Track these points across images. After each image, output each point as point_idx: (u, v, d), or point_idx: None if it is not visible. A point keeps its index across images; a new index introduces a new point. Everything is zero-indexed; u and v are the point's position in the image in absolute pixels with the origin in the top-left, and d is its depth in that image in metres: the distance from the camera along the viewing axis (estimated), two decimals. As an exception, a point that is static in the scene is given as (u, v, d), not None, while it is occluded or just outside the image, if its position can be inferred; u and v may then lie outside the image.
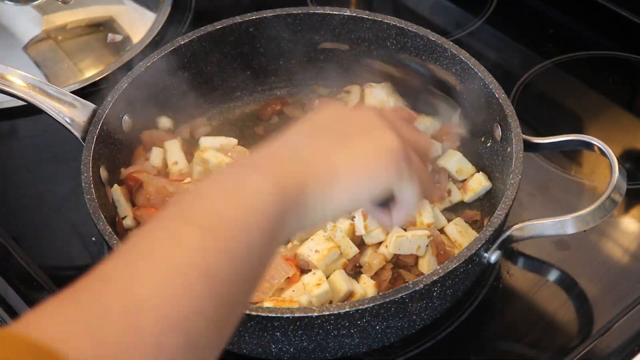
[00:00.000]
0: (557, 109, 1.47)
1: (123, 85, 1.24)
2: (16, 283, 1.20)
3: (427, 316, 1.09)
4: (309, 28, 1.37)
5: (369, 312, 0.98)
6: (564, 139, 1.15)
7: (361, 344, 1.06)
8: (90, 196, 1.10)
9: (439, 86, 1.26)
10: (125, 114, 1.25)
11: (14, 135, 1.50)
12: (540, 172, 1.33)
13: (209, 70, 1.37)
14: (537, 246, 1.23)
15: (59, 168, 1.39)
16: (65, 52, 1.56)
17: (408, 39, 1.32)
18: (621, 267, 1.22)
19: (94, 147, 1.16)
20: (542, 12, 1.64)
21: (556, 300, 1.18)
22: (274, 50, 1.39)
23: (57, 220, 1.31)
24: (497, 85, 1.21)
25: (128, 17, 1.64)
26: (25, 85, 1.18)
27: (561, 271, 1.21)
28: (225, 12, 1.39)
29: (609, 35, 1.58)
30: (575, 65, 1.53)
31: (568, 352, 1.11)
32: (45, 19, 1.60)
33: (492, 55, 1.56)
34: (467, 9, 1.66)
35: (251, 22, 1.34)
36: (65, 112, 1.19)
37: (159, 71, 1.29)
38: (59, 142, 1.37)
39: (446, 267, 1.00)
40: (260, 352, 1.06)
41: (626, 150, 1.39)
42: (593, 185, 1.32)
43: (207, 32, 1.33)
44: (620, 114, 1.47)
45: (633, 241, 1.26)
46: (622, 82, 1.52)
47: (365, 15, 1.33)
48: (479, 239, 1.03)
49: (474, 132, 1.29)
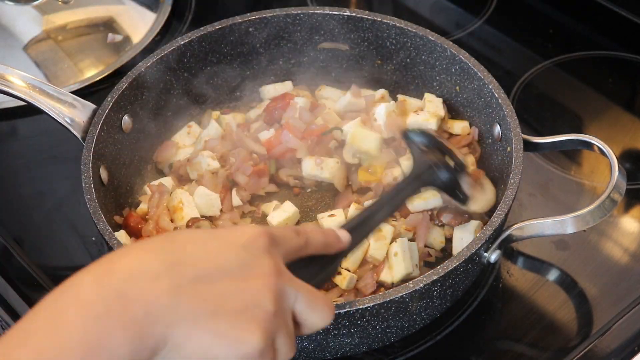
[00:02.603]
0: (557, 108, 1.47)
1: (123, 85, 1.24)
2: (16, 283, 1.20)
3: (427, 316, 1.09)
4: (309, 28, 1.37)
5: (369, 312, 0.98)
6: (563, 138, 1.16)
7: (361, 343, 1.06)
8: (90, 196, 1.10)
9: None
10: (125, 114, 1.25)
11: (14, 135, 1.50)
12: (540, 172, 1.33)
13: (209, 70, 1.37)
14: (537, 246, 1.23)
15: (59, 168, 1.39)
16: (65, 52, 1.56)
17: (408, 39, 1.32)
18: (621, 267, 1.22)
19: (94, 147, 1.16)
20: (542, 12, 1.64)
21: (556, 300, 1.18)
22: (274, 50, 1.39)
23: (57, 220, 1.31)
24: (497, 85, 1.21)
25: (128, 17, 1.64)
26: (25, 85, 1.18)
27: (561, 271, 1.21)
28: (225, 12, 1.39)
29: (609, 35, 1.58)
30: (575, 65, 1.53)
31: (568, 352, 1.11)
32: (45, 19, 1.60)
33: (492, 55, 1.56)
34: (467, 9, 1.66)
35: (251, 22, 1.34)
36: (65, 112, 1.19)
37: (159, 71, 1.30)
38: (59, 142, 1.37)
39: (446, 267, 1.00)
40: (260, 352, 1.06)
41: (626, 150, 1.39)
42: (593, 185, 1.32)
43: (207, 32, 1.33)
44: (620, 114, 1.48)
45: (633, 241, 1.26)
46: (622, 82, 1.52)
47: (365, 15, 1.33)
48: (479, 238, 1.03)
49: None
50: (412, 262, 1.14)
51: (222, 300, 0.70)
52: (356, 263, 1.16)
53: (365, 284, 1.13)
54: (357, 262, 1.16)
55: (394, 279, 1.13)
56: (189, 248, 0.73)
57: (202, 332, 0.69)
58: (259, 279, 0.73)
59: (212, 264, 0.72)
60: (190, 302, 0.69)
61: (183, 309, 0.68)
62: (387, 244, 1.16)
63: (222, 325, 0.69)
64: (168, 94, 1.34)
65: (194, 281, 0.70)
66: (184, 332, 0.68)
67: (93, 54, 1.58)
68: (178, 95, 1.35)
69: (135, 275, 0.68)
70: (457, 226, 1.18)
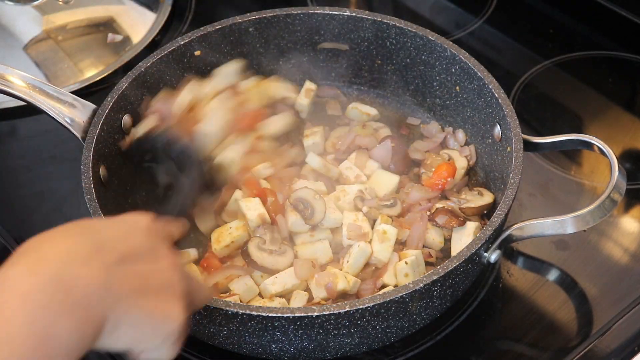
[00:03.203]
0: (557, 108, 1.47)
1: (123, 85, 1.24)
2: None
3: (427, 316, 1.09)
4: (309, 28, 1.37)
5: (369, 312, 0.98)
6: (563, 138, 1.16)
7: (361, 343, 1.06)
8: (90, 196, 1.10)
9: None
10: (125, 114, 1.25)
11: (14, 135, 1.50)
12: (540, 172, 1.33)
13: (209, 70, 1.37)
14: (537, 246, 1.23)
15: (59, 168, 1.39)
16: (65, 52, 1.56)
17: (408, 39, 1.32)
18: (621, 267, 1.22)
19: (94, 147, 1.16)
20: (542, 12, 1.64)
21: (556, 300, 1.18)
22: (274, 50, 1.39)
23: (57, 220, 1.30)
24: (497, 85, 1.21)
25: (128, 17, 1.64)
26: (25, 85, 1.18)
27: (561, 271, 1.21)
28: (225, 12, 1.39)
29: (609, 35, 1.58)
30: (575, 65, 1.53)
31: (568, 352, 1.11)
32: (45, 19, 1.60)
33: (492, 55, 1.56)
34: (467, 9, 1.66)
35: (251, 22, 1.34)
36: (65, 112, 1.19)
37: (159, 71, 1.30)
38: (59, 142, 1.38)
39: (446, 267, 1.00)
40: (260, 352, 1.06)
41: (626, 150, 1.39)
42: (593, 185, 1.32)
43: (207, 32, 1.33)
44: (620, 114, 1.48)
45: (633, 241, 1.26)
46: (622, 82, 1.52)
47: (365, 15, 1.33)
48: (479, 238, 1.03)
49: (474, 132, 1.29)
50: (419, 276, 1.14)
51: (144, 280, 0.75)
52: (359, 268, 1.16)
53: (366, 288, 1.14)
54: (359, 267, 1.16)
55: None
56: (105, 233, 0.76)
57: (135, 310, 0.73)
58: (165, 259, 0.78)
59: (129, 247, 0.76)
60: (121, 282, 0.72)
61: (116, 289, 0.71)
62: (391, 246, 1.16)
63: (150, 302, 0.74)
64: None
65: (119, 262, 0.73)
66: (121, 311, 0.71)
67: (93, 54, 1.58)
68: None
69: (67, 260, 0.70)
70: (454, 228, 1.18)
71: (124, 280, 0.73)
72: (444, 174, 1.26)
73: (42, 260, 0.69)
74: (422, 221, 1.19)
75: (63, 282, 0.68)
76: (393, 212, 1.22)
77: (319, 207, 1.19)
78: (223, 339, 1.06)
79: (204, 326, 1.04)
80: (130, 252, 0.75)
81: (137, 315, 0.73)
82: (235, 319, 0.98)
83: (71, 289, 0.68)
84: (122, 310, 0.71)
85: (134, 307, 0.73)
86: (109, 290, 0.71)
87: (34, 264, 0.69)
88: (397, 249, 1.18)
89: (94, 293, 0.69)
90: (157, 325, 0.75)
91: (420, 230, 1.19)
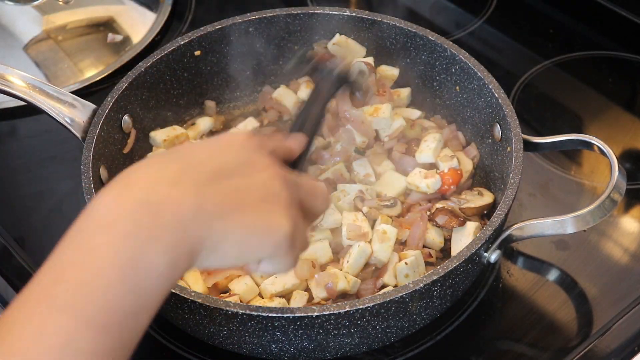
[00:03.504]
0: (557, 108, 1.47)
1: (123, 85, 1.24)
2: (16, 283, 1.20)
3: (427, 316, 1.09)
4: (309, 28, 1.37)
5: (369, 312, 0.98)
6: (563, 138, 1.16)
7: (361, 343, 1.06)
8: (90, 196, 1.10)
9: None
10: (125, 114, 1.25)
11: (14, 135, 1.50)
12: (540, 172, 1.33)
13: (208, 70, 1.37)
14: (537, 246, 1.23)
15: (59, 168, 1.39)
16: (65, 52, 1.56)
17: (408, 39, 1.32)
18: (621, 267, 1.22)
19: (94, 147, 1.16)
20: (542, 12, 1.64)
21: (556, 300, 1.18)
22: (274, 50, 1.39)
23: (57, 220, 1.31)
24: (497, 85, 1.21)
25: (128, 17, 1.64)
26: (25, 85, 1.18)
27: (561, 271, 1.21)
28: (225, 12, 1.39)
29: (609, 35, 1.58)
30: (575, 65, 1.53)
31: (568, 352, 1.11)
32: (45, 19, 1.60)
33: (492, 55, 1.56)
34: (467, 9, 1.66)
35: (251, 22, 1.34)
36: (65, 112, 1.19)
37: (158, 71, 1.30)
38: (59, 142, 1.38)
39: (446, 267, 1.00)
40: (260, 352, 1.06)
41: (626, 150, 1.39)
42: (593, 185, 1.32)
43: (207, 32, 1.33)
44: (620, 114, 1.48)
45: (633, 241, 1.26)
46: (622, 82, 1.52)
47: (365, 15, 1.33)
48: (479, 238, 1.03)
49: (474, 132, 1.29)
50: (419, 276, 1.14)
51: (242, 194, 0.71)
52: (359, 268, 1.16)
53: (366, 288, 1.14)
54: (359, 267, 1.16)
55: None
56: (195, 154, 0.73)
57: (234, 227, 0.69)
58: (264, 171, 0.74)
59: (221, 162, 0.72)
60: (214, 200, 0.68)
61: (210, 207, 0.68)
62: (391, 246, 1.16)
63: (250, 216, 0.70)
64: (168, 94, 1.34)
65: (211, 180, 0.70)
66: (219, 229, 0.68)
67: (93, 54, 1.58)
68: (178, 95, 1.35)
69: (154, 183, 0.67)
70: (454, 229, 1.18)
71: (218, 198, 0.69)
72: (448, 181, 1.25)
73: (129, 186, 0.67)
74: (422, 221, 1.19)
75: (150, 206, 0.65)
76: (393, 212, 1.22)
77: None
78: (223, 339, 1.06)
79: (204, 326, 1.04)
80: (223, 167, 0.71)
81: (238, 232, 0.69)
82: (235, 319, 0.98)
83: (159, 212, 0.65)
84: (220, 228, 0.68)
85: (232, 223, 0.69)
86: (202, 209, 0.67)
87: (121, 191, 0.66)
88: (397, 249, 1.18)
89: (184, 214, 0.66)
90: (262, 238, 0.71)
91: (420, 231, 1.19)
